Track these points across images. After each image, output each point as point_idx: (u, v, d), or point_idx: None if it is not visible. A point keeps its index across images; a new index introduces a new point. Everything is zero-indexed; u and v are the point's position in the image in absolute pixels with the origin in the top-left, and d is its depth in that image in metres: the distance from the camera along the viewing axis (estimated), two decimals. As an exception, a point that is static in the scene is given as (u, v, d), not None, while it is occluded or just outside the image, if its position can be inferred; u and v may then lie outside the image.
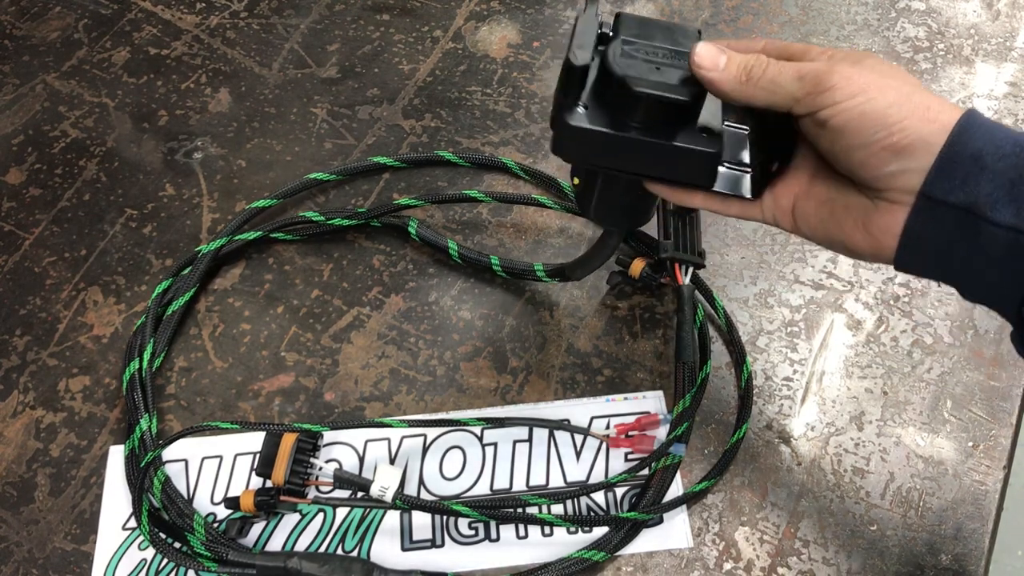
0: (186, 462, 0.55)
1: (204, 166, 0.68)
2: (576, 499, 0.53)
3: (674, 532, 0.52)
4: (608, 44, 0.42)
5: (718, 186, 0.44)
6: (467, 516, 0.50)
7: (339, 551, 0.52)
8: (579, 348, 0.59)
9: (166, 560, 0.51)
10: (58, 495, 0.54)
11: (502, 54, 0.74)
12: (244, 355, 0.59)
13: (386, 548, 0.52)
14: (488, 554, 0.51)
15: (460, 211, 0.65)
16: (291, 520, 0.53)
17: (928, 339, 0.60)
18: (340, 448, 0.55)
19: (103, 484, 0.54)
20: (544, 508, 0.51)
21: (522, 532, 0.52)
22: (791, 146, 0.44)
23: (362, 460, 0.55)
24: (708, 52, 0.41)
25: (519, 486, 0.54)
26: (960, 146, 0.37)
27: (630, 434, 0.54)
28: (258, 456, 0.51)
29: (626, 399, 0.57)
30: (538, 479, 0.54)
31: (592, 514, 0.53)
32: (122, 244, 0.64)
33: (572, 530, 0.52)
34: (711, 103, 0.42)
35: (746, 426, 0.55)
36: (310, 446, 0.51)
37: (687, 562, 0.52)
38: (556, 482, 0.54)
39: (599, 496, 0.53)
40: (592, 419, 0.56)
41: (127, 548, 0.52)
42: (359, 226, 0.64)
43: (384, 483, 0.49)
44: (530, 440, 0.55)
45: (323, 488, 0.53)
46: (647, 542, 0.52)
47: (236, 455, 0.55)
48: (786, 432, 0.56)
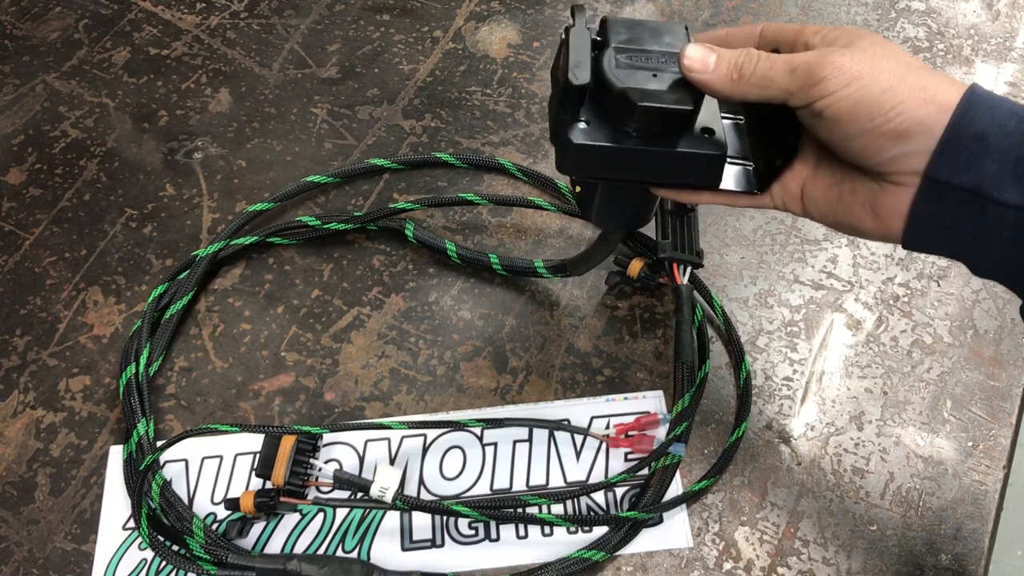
0: (186, 462, 0.55)
1: (204, 166, 0.68)
2: (576, 499, 0.53)
3: (674, 532, 0.52)
4: (601, 53, 0.41)
5: (725, 184, 0.43)
6: (467, 516, 0.50)
7: (339, 551, 0.52)
8: (579, 348, 0.59)
9: (165, 562, 0.51)
10: (58, 495, 0.54)
11: (502, 54, 0.74)
12: (244, 355, 0.59)
13: (386, 548, 0.52)
14: (488, 554, 0.52)
15: (460, 212, 0.65)
16: (291, 520, 0.53)
17: (928, 339, 0.60)
18: (340, 448, 0.55)
19: (103, 484, 0.54)
20: (544, 508, 0.51)
21: (522, 532, 0.52)
22: (795, 141, 0.43)
23: (362, 460, 0.55)
24: (697, 54, 0.40)
25: (519, 486, 0.54)
26: (963, 127, 0.37)
27: (630, 434, 0.54)
28: (258, 456, 0.51)
29: (626, 399, 0.57)
30: (538, 479, 0.54)
31: (592, 514, 0.53)
32: (122, 244, 0.64)
33: (572, 530, 0.52)
34: (708, 100, 0.42)
35: (745, 425, 0.55)
36: (310, 447, 0.52)
37: (687, 562, 0.52)
38: (556, 482, 0.54)
39: (599, 496, 0.53)
40: (592, 419, 0.56)
41: (127, 548, 0.52)
42: (355, 228, 0.64)
43: (384, 483, 0.49)
44: (530, 440, 0.55)
45: (323, 489, 0.53)
46: (647, 542, 0.52)
47: (236, 455, 0.55)
48: (786, 432, 0.56)
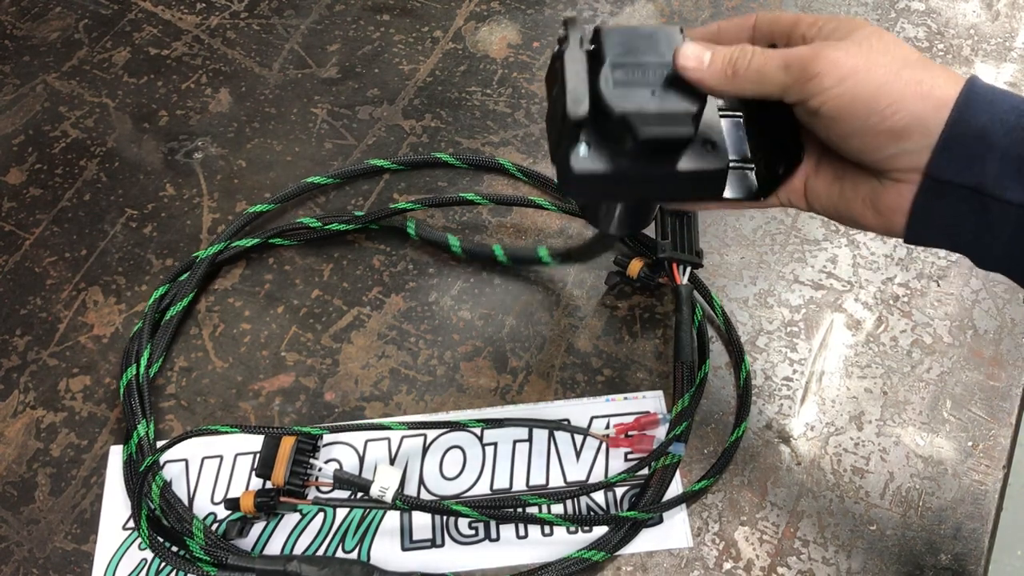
0: (186, 462, 0.55)
1: (204, 166, 0.68)
2: (576, 499, 0.53)
3: (674, 532, 0.52)
4: (597, 71, 0.40)
5: (728, 194, 0.43)
6: (467, 516, 0.50)
7: (339, 551, 0.52)
8: (579, 348, 0.59)
9: (165, 563, 0.51)
10: (58, 495, 0.54)
11: (502, 54, 0.74)
12: (244, 355, 0.59)
13: (386, 548, 0.52)
14: (488, 554, 0.52)
15: (460, 212, 0.65)
16: (291, 520, 0.53)
17: (928, 339, 0.60)
18: (340, 448, 0.55)
19: (103, 484, 0.54)
20: (544, 508, 0.51)
21: (522, 532, 0.52)
22: (797, 148, 0.43)
23: (362, 460, 0.55)
24: (691, 51, 0.40)
25: (519, 486, 0.54)
26: (963, 123, 0.36)
27: (630, 434, 0.54)
28: (258, 456, 0.51)
29: (626, 399, 0.57)
30: (538, 479, 0.54)
31: (592, 514, 0.53)
32: (122, 244, 0.64)
33: (572, 530, 0.52)
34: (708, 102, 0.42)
35: (745, 425, 0.55)
36: (310, 447, 0.52)
37: (687, 562, 0.52)
38: (556, 482, 0.54)
39: (599, 496, 0.53)
40: (592, 419, 0.56)
41: (127, 548, 0.52)
42: (355, 229, 0.64)
43: (384, 483, 0.49)
44: (530, 440, 0.55)
45: (323, 489, 0.53)
46: (647, 542, 0.52)
47: (236, 455, 0.55)
48: (786, 432, 0.56)
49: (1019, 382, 0.58)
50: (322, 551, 0.52)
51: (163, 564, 0.51)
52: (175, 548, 0.50)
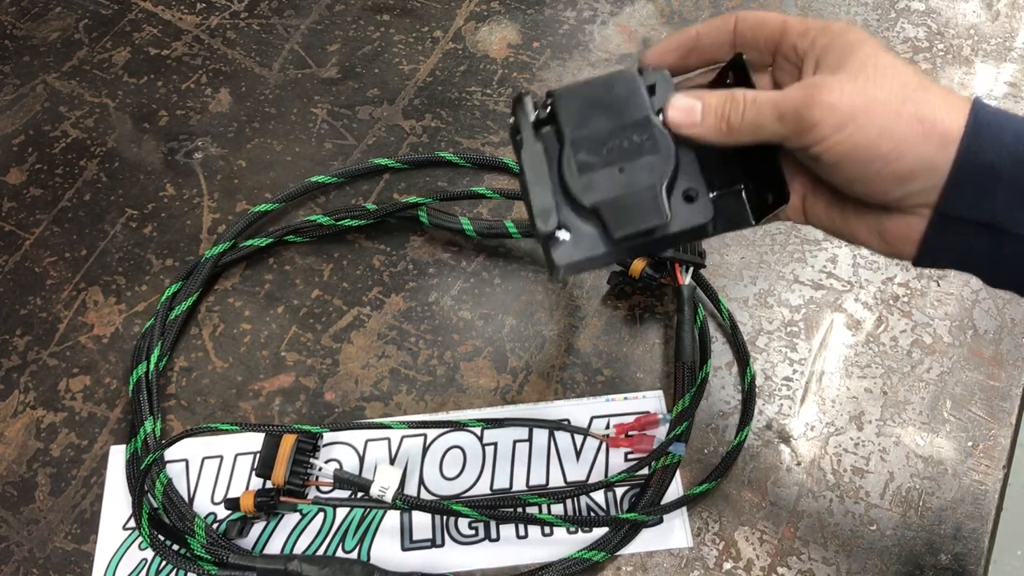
0: (187, 462, 0.55)
1: (204, 166, 0.68)
2: (576, 499, 0.53)
3: (674, 532, 0.52)
4: (560, 152, 0.39)
5: (718, 229, 0.41)
6: (467, 516, 0.50)
7: (339, 551, 0.52)
8: (579, 348, 0.59)
9: (166, 562, 0.51)
10: (58, 495, 0.54)
11: (502, 54, 0.74)
12: (244, 355, 0.59)
13: (386, 548, 0.52)
14: (488, 554, 0.52)
15: (462, 210, 0.65)
16: (291, 520, 0.53)
17: (927, 339, 0.60)
18: (340, 448, 0.55)
19: (103, 484, 0.54)
20: (544, 508, 0.51)
21: (522, 532, 0.52)
22: (783, 186, 0.39)
23: (362, 460, 0.55)
24: (682, 105, 0.39)
25: (519, 486, 0.54)
26: (970, 159, 0.35)
27: (630, 434, 0.54)
28: (258, 456, 0.51)
29: (626, 399, 0.57)
30: (538, 479, 0.54)
31: (592, 514, 0.53)
32: (122, 244, 0.64)
33: (572, 530, 0.52)
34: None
35: (747, 430, 0.55)
36: (310, 446, 0.52)
37: (687, 562, 0.52)
38: (556, 482, 0.54)
39: (599, 496, 0.53)
40: (592, 419, 0.56)
41: (128, 548, 0.52)
42: (359, 226, 0.64)
43: (384, 483, 0.49)
44: (530, 440, 0.55)
45: (323, 488, 0.53)
46: (647, 542, 0.52)
47: (236, 455, 0.55)
48: (786, 432, 0.56)
49: (1019, 382, 0.58)
50: (322, 551, 0.52)
51: (163, 564, 0.51)
52: (176, 546, 0.50)
